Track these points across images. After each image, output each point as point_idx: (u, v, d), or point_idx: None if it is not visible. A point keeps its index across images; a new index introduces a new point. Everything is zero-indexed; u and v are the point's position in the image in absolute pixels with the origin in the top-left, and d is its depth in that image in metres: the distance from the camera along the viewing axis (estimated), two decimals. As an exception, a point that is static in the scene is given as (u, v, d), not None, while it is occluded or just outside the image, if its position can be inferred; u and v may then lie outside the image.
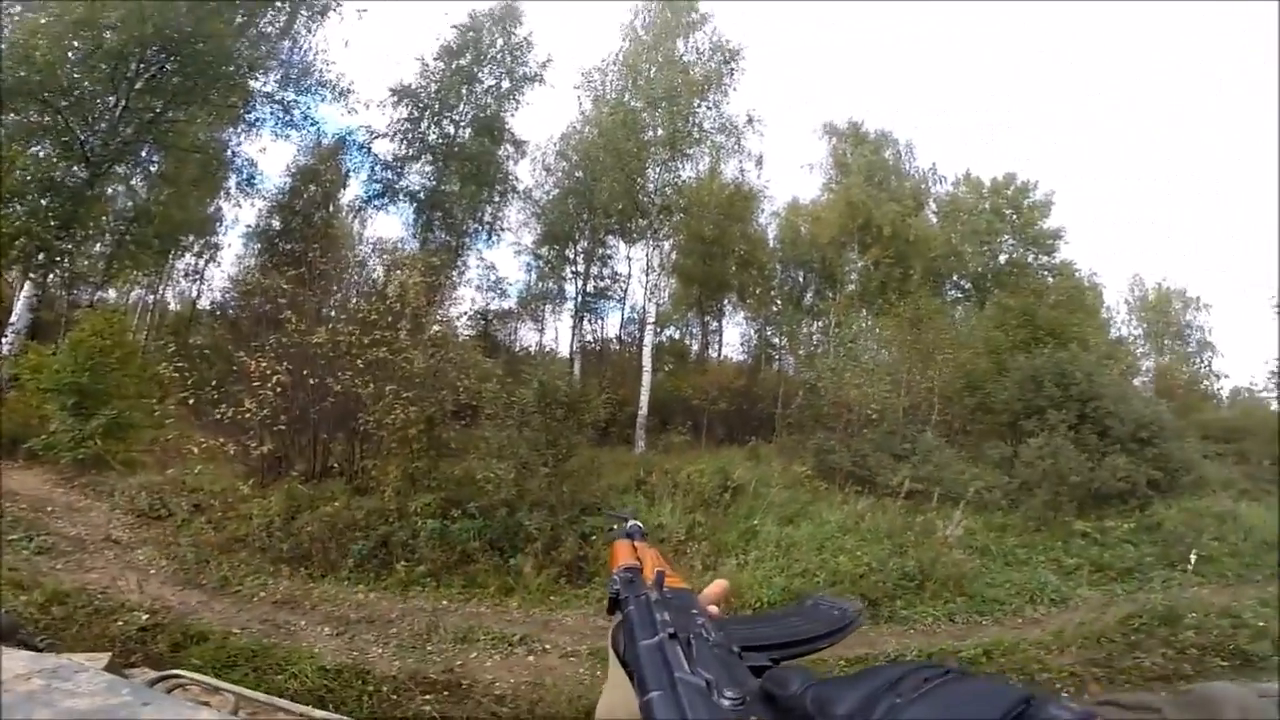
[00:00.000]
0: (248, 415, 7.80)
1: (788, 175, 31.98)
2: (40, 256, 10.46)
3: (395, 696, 5.57)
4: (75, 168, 11.00)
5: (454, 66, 15.90)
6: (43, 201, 10.37)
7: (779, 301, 19.30)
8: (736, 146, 16.40)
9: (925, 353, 13.70)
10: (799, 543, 8.79)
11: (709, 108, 15.68)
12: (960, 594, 8.28)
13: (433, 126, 16.07)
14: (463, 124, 16.10)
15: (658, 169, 15.31)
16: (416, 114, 15.89)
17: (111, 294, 15.67)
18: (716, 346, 20.73)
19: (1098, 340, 16.20)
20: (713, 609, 0.68)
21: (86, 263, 12.62)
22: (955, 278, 20.57)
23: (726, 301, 19.91)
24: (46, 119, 10.76)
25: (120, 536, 7.73)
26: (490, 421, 9.01)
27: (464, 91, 15.95)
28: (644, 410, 13.72)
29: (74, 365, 8.76)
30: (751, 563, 8.31)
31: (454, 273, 14.40)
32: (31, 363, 9.21)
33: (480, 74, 16.17)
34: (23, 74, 10.08)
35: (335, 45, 21.59)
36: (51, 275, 11.32)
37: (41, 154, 10.90)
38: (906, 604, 8.00)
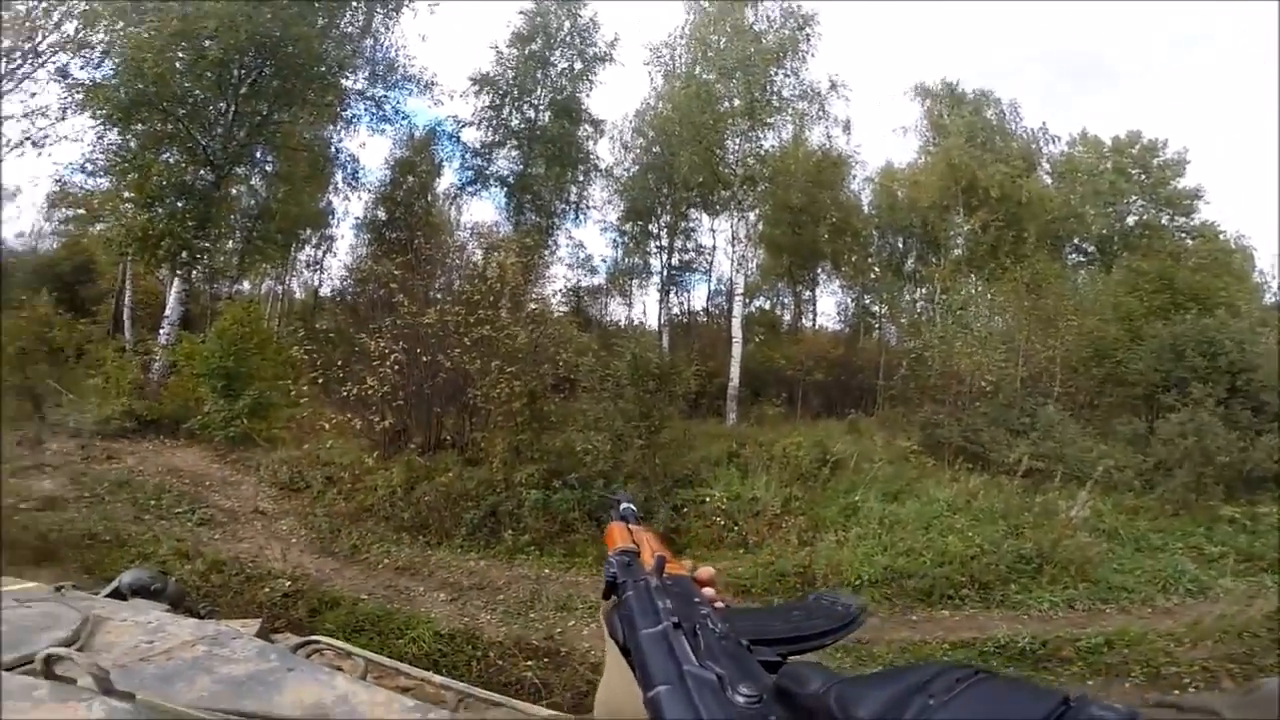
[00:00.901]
0: (370, 392, 8.38)
1: (879, 140, 30.28)
2: (183, 255, 11.56)
3: (501, 662, 5.77)
4: (202, 171, 11.96)
5: (526, 52, 16.18)
6: (179, 204, 11.34)
7: (877, 269, 18.49)
8: (820, 113, 15.90)
9: (1045, 320, 12.58)
10: (904, 520, 8.44)
11: (786, 75, 15.15)
12: (1083, 579, 7.69)
13: (514, 112, 16.52)
14: (541, 107, 16.43)
15: (737, 140, 15.00)
16: (497, 101, 16.40)
17: (245, 286, 17.20)
18: (810, 316, 20.27)
19: (1249, 306, 14.35)
20: (709, 592, 0.64)
21: (221, 259, 14.00)
22: (1076, 241, 19.01)
23: (820, 270, 19.35)
24: (169, 127, 11.65)
25: (266, 508, 8.49)
26: (587, 394, 9.24)
27: (539, 75, 16.26)
28: (735, 381, 13.54)
29: (221, 352, 9.80)
30: (852, 540, 8.07)
31: (546, 252, 14.88)
32: (185, 350, 10.39)
33: (552, 57, 16.37)
34: (140, 86, 10.81)
35: (413, 40, 22.50)
36: (194, 271, 12.52)
37: (171, 160, 11.86)
38: (1021, 588, 7.53)
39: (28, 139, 13.85)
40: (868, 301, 19.28)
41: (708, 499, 8.75)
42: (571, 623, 6.44)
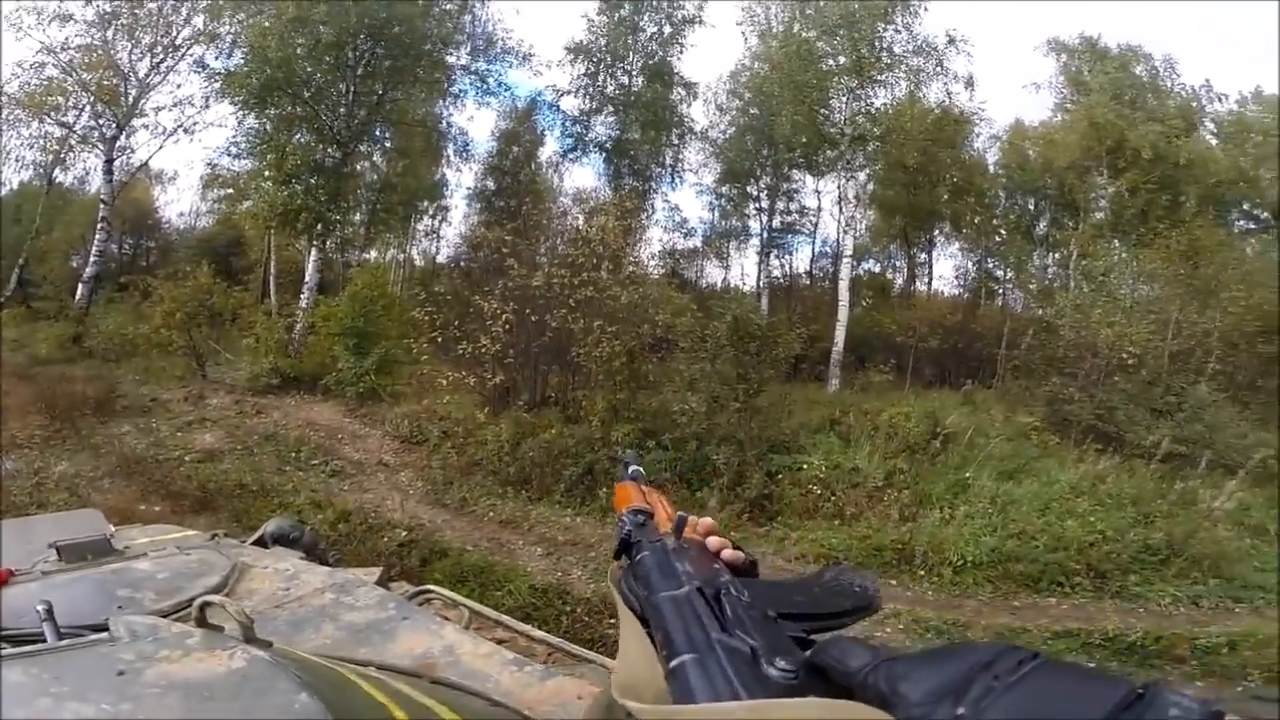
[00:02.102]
0: (483, 350, 8.84)
1: (1007, 96, 27.47)
2: (318, 227, 12.64)
3: (587, 618, 5.81)
4: (329, 150, 12.88)
5: (616, 18, 16.15)
6: (312, 181, 12.28)
7: (1004, 231, 17.06)
8: (938, 69, 14.73)
9: (1204, 290, 11.10)
10: (1019, 501, 7.89)
11: (897, 30, 14.15)
12: (1215, 575, 6.98)
13: (609, 79, 16.68)
14: (635, 73, 16.50)
15: (844, 98, 14.32)
16: (592, 68, 16.59)
17: (372, 254, 18.72)
18: (925, 280, 19.10)
19: None
20: (724, 549, 0.58)
21: (350, 230, 15.24)
22: (1246, 206, 16.55)
23: (938, 232, 18.18)
24: (299, 110, 12.57)
25: (388, 460, 9.05)
26: (685, 354, 9.26)
27: (629, 41, 16.26)
28: (839, 346, 13.09)
29: (352, 313, 10.70)
30: (959, 518, 7.62)
31: (643, 215, 15.05)
32: (322, 313, 11.48)
33: (641, 22, 16.26)
34: (268, 72, 11.51)
35: (508, 13, 23.05)
36: (328, 242, 13.65)
37: (302, 141, 12.86)
38: (1142, 580, 6.93)
39: (180, 127, 15.73)
40: (991, 265, 17.92)
41: (804, 466, 8.51)
42: None
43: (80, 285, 14.93)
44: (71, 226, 17.27)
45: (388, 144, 15.83)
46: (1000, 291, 17.96)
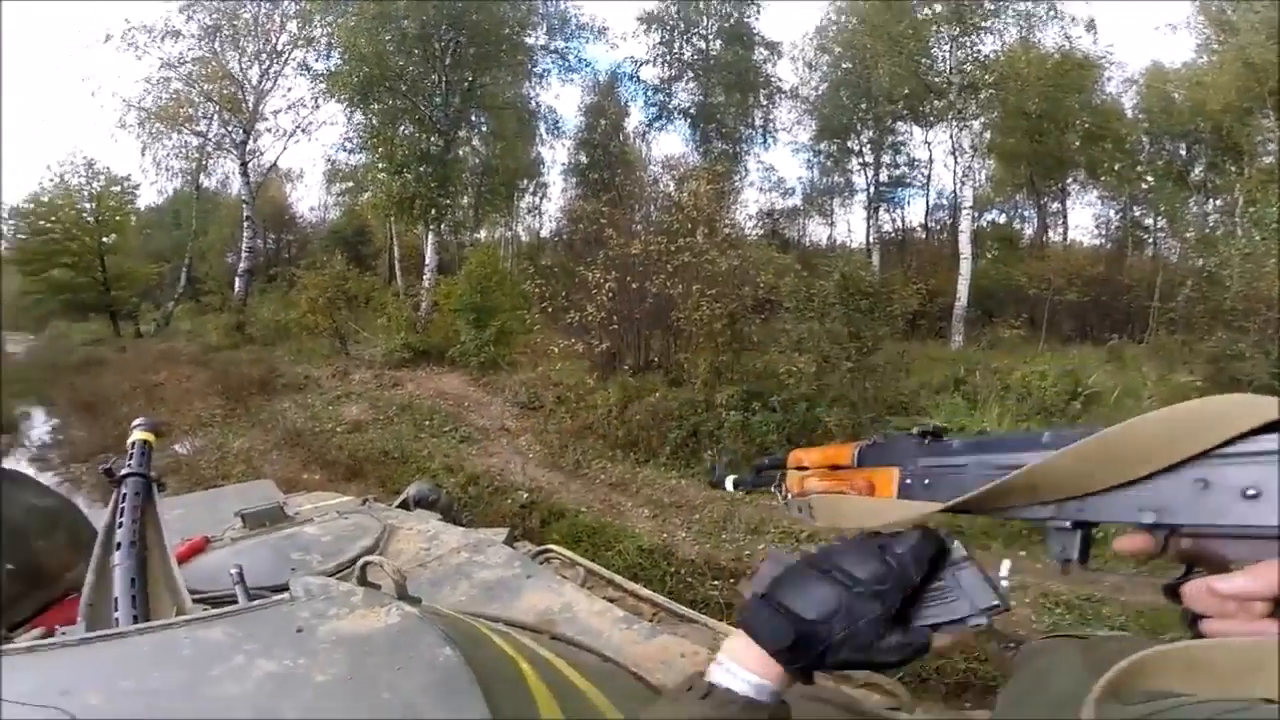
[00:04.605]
0: (589, 318, 9.13)
1: (1139, 39, 24.44)
2: (432, 212, 13.47)
3: (690, 579, 5.82)
4: (432, 139, 13.56)
5: None
6: (421, 169, 13.06)
7: (1150, 178, 15.28)
8: (1052, 12, 13.61)
9: None
10: None
11: None
12: None
13: (685, 45, 16.56)
14: (711, 36, 16.26)
15: (946, 46, 13.47)
16: (667, 36, 16.52)
17: (482, 234, 19.76)
18: (1060, 230, 17.62)
19: None
20: None
21: (459, 213, 16.20)
22: None
23: (1071, 180, 16.69)
24: (399, 103, 13.26)
25: (510, 425, 9.46)
26: (791, 314, 9.10)
27: (701, 6, 15.99)
28: (963, 301, 12.37)
29: (470, 290, 11.44)
30: None
31: (736, 178, 14.99)
32: (443, 291, 12.39)
33: None
34: (365, 69, 12.08)
35: None
36: (442, 225, 14.51)
37: (406, 132, 13.56)
38: None
39: (298, 128, 17.27)
40: (1138, 214, 16.11)
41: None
42: (760, 545, 6.37)
43: (236, 279, 16.89)
44: (222, 226, 19.46)
45: (484, 128, 16.52)
46: (1150, 241, 16.21)
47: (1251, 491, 0.38)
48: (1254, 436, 0.38)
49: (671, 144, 30.31)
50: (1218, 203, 14.78)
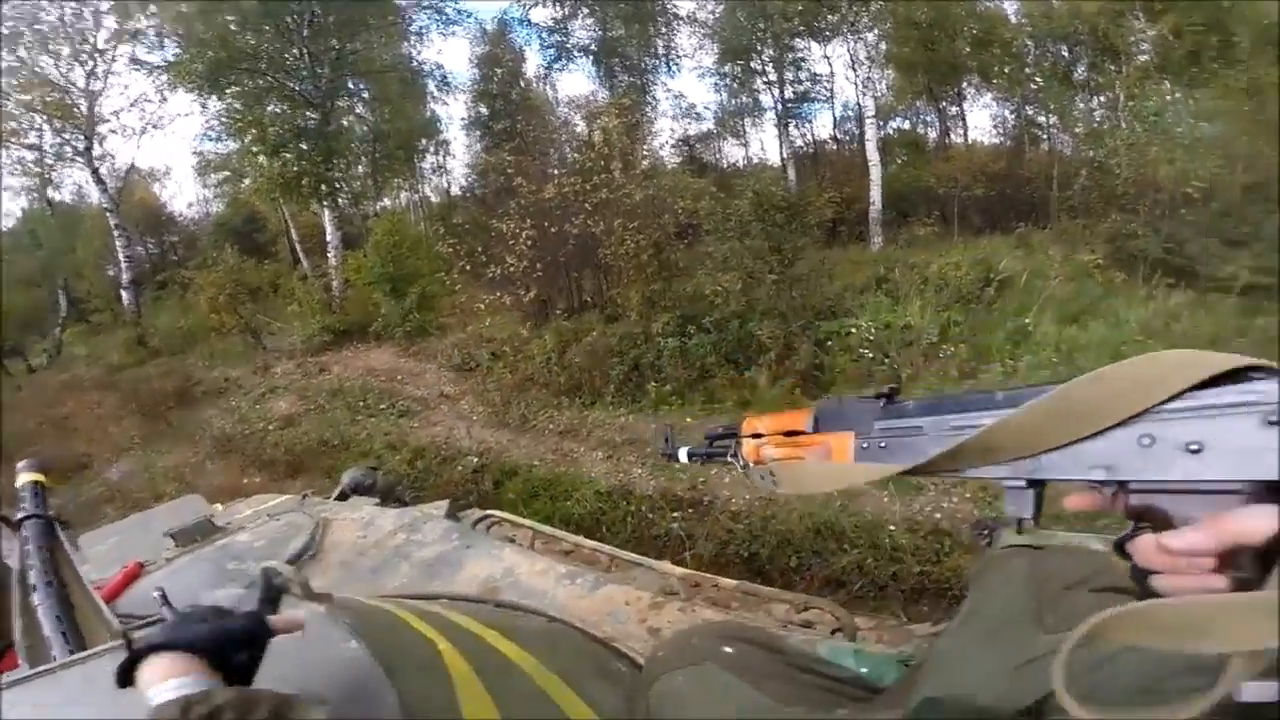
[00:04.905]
0: (511, 270, 8.93)
1: None
2: (323, 188, 12.69)
3: (650, 515, 5.76)
4: (306, 113, 12.66)
5: None
6: (302, 146, 12.24)
7: (1039, 79, 16.16)
8: None
9: (1271, 126, 10.17)
10: (1086, 347, 7.32)
11: None
12: None
13: None
14: None
15: None
16: None
17: (387, 202, 18.74)
18: (961, 132, 18.37)
19: None
20: None
21: (357, 183, 15.25)
22: None
23: (966, 84, 17.33)
24: (260, 82, 12.25)
25: (448, 390, 9.22)
26: (712, 237, 9.18)
27: None
28: (877, 205, 12.74)
29: (380, 261, 10.93)
30: (1023, 369, 7.09)
31: (647, 109, 14.76)
32: (353, 266, 11.75)
33: None
34: (209, 54, 11.22)
35: None
36: (338, 200, 13.67)
37: (276, 110, 12.55)
38: None
39: (148, 124, 15.67)
40: (1030, 112, 17.00)
41: (853, 330, 8.13)
42: (714, 470, 6.30)
43: (123, 292, 15.51)
44: (91, 239, 17.59)
45: (365, 95, 15.57)
46: (1045, 136, 16.89)
47: (1194, 446, 0.39)
48: (1197, 391, 0.40)
49: (577, 83, 29.97)
50: (1101, 99, 15.74)
